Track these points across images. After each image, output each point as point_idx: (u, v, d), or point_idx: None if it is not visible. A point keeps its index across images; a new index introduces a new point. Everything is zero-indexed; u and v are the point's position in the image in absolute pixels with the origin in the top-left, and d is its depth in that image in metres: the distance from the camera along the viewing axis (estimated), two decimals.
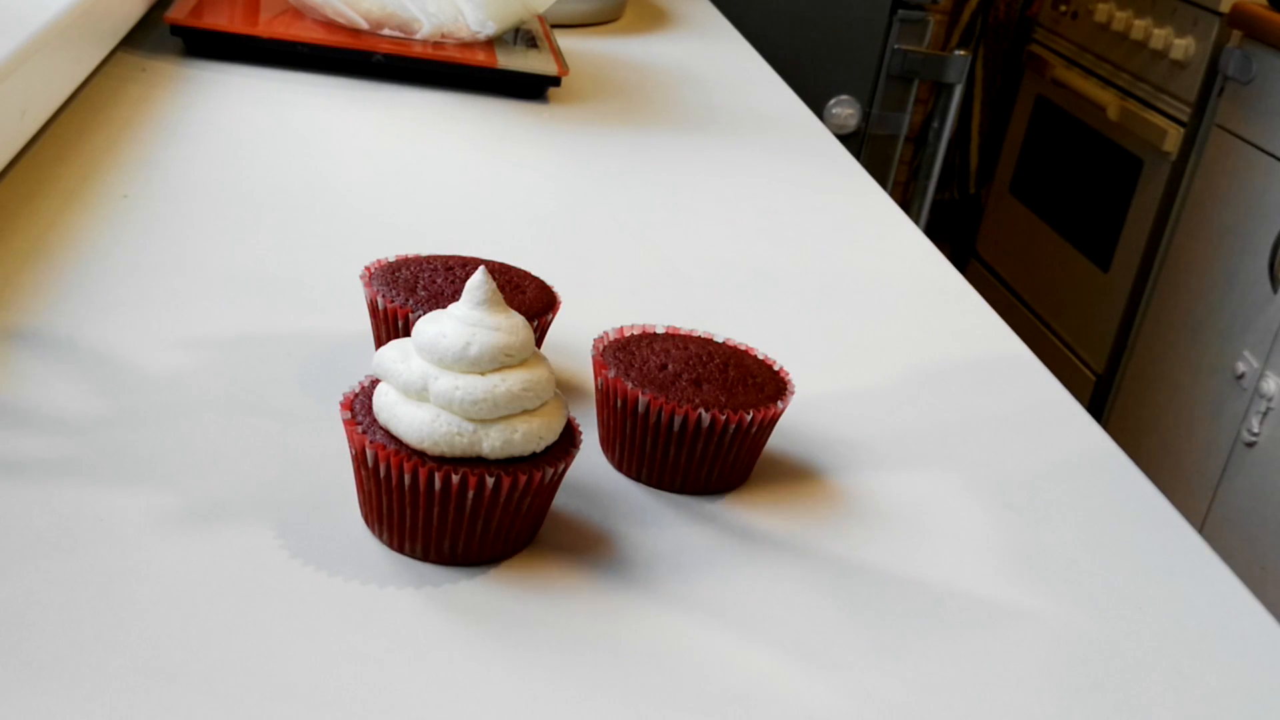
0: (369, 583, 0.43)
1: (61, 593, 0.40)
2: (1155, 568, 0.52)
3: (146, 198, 0.70)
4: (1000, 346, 0.70)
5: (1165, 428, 1.94)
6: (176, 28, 0.95)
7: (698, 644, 0.42)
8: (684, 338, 0.53)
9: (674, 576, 0.46)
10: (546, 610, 0.43)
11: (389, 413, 0.43)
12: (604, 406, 0.51)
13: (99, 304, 0.58)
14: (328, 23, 0.99)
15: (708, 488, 0.51)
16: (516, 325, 0.44)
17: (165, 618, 0.39)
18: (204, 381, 0.53)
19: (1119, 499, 0.57)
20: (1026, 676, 0.44)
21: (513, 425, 0.43)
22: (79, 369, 0.52)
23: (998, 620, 0.46)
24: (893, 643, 0.44)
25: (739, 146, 0.95)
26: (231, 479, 0.47)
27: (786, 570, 0.47)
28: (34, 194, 0.68)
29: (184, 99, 0.87)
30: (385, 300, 0.52)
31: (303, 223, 0.71)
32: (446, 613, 0.42)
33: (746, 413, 0.49)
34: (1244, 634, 0.48)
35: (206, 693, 0.37)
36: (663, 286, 0.70)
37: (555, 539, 0.46)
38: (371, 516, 0.45)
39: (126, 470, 0.46)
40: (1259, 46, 1.83)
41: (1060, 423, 0.63)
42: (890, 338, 0.69)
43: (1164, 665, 0.45)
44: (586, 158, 0.89)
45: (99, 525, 0.43)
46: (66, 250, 0.62)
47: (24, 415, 0.48)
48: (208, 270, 0.63)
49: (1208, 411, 1.83)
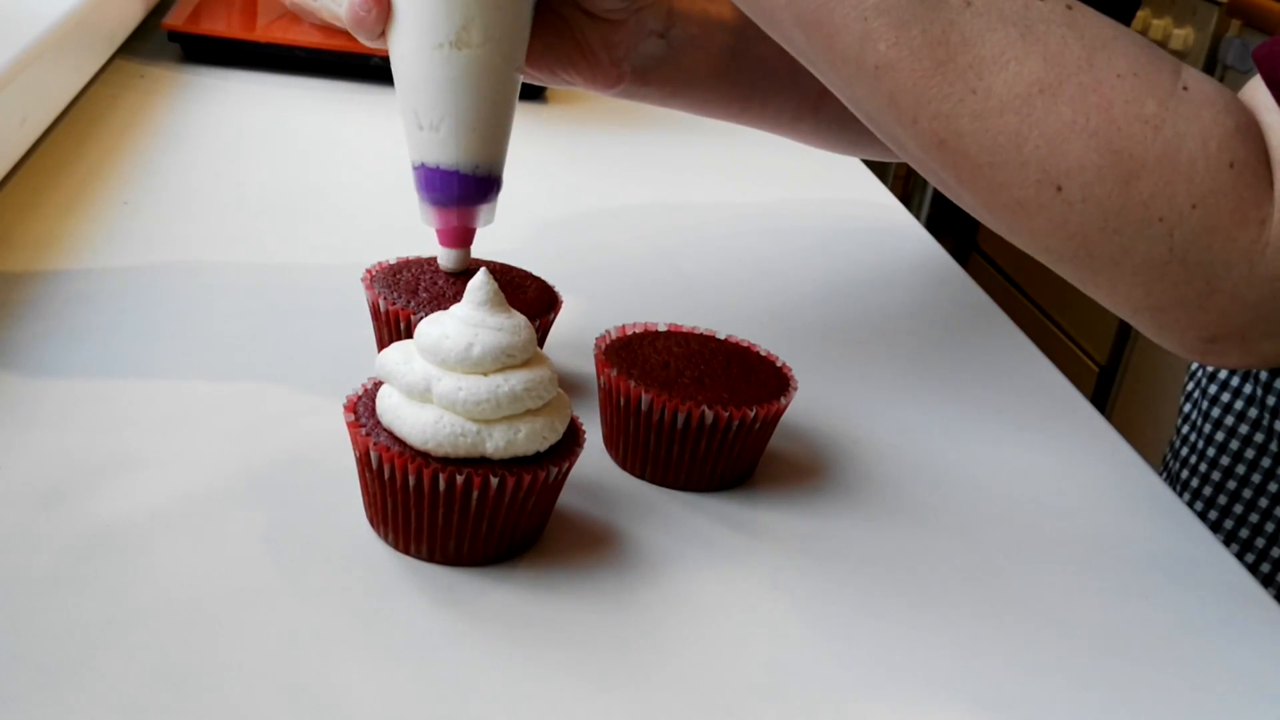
0: (374, 584, 0.43)
1: (66, 596, 0.40)
2: (1160, 557, 0.51)
3: (147, 204, 0.70)
4: (1003, 339, 0.70)
5: (1168, 419, 1.93)
6: (174, 34, 0.95)
7: (704, 640, 0.42)
8: (686, 335, 0.53)
9: (679, 573, 0.46)
10: (552, 609, 0.43)
11: (392, 414, 0.43)
12: (607, 405, 0.51)
13: (101, 310, 0.58)
14: (325, 26, 0.99)
15: (711, 485, 0.51)
16: (518, 325, 0.44)
17: (170, 621, 0.39)
18: (206, 386, 0.53)
19: (1123, 489, 0.56)
20: (1037, 667, 0.44)
21: (516, 425, 0.43)
22: (82, 375, 0.52)
23: (1005, 612, 0.46)
24: (899, 636, 0.44)
25: (739, 143, 0.95)
26: (235, 482, 0.47)
27: (791, 565, 0.47)
28: (34, 201, 0.68)
29: (182, 104, 0.87)
30: (387, 302, 0.52)
31: (303, 226, 0.71)
32: (452, 613, 0.42)
33: (749, 409, 0.49)
34: (1250, 621, 0.48)
35: (213, 695, 0.37)
36: (664, 284, 0.70)
37: (560, 538, 0.46)
38: (376, 518, 0.45)
39: (130, 475, 0.46)
40: (1259, 36, 1.83)
41: (1064, 414, 0.63)
42: (892, 332, 0.69)
43: (1170, 653, 0.45)
44: (586, 156, 0.89)
45: (103, 530, 0.43)
46: (68, 257, 0.62)
47: (27, 421, 0.48)
48: (209, 275, 0.63)
49: None
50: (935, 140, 0.46)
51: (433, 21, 0.50)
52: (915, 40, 0.45)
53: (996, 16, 0.45)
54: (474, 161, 0.52)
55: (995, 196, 0.47)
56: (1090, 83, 0.44)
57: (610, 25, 0.58)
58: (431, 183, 0.52)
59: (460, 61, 0.50)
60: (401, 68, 0.52)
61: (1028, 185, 0.45)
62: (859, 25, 0.45)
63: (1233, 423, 0.74)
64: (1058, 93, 0.44)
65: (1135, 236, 0.45)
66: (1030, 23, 0.45)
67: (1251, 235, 0.45)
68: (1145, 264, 0.46)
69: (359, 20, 0.52)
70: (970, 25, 0.45)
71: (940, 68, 0.45)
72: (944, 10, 0.45)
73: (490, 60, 0.51)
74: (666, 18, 0.60)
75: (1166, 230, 0.45)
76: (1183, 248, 0.45)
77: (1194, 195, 0.44)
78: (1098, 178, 0.44)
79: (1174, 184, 0.44)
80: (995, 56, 0.45)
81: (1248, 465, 0.73)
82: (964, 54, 0.45)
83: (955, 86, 0.45)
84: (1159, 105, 0.44)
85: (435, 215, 0.53)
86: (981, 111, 0.45)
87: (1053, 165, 0.45)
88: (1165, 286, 0.46)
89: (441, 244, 0.53)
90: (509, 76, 0.52)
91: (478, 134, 0.52)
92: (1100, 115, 0.44)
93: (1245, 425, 0.73)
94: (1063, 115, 0.44)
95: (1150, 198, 0.44)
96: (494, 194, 0.54)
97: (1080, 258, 0.47)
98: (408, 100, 0.52)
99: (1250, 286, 0.46)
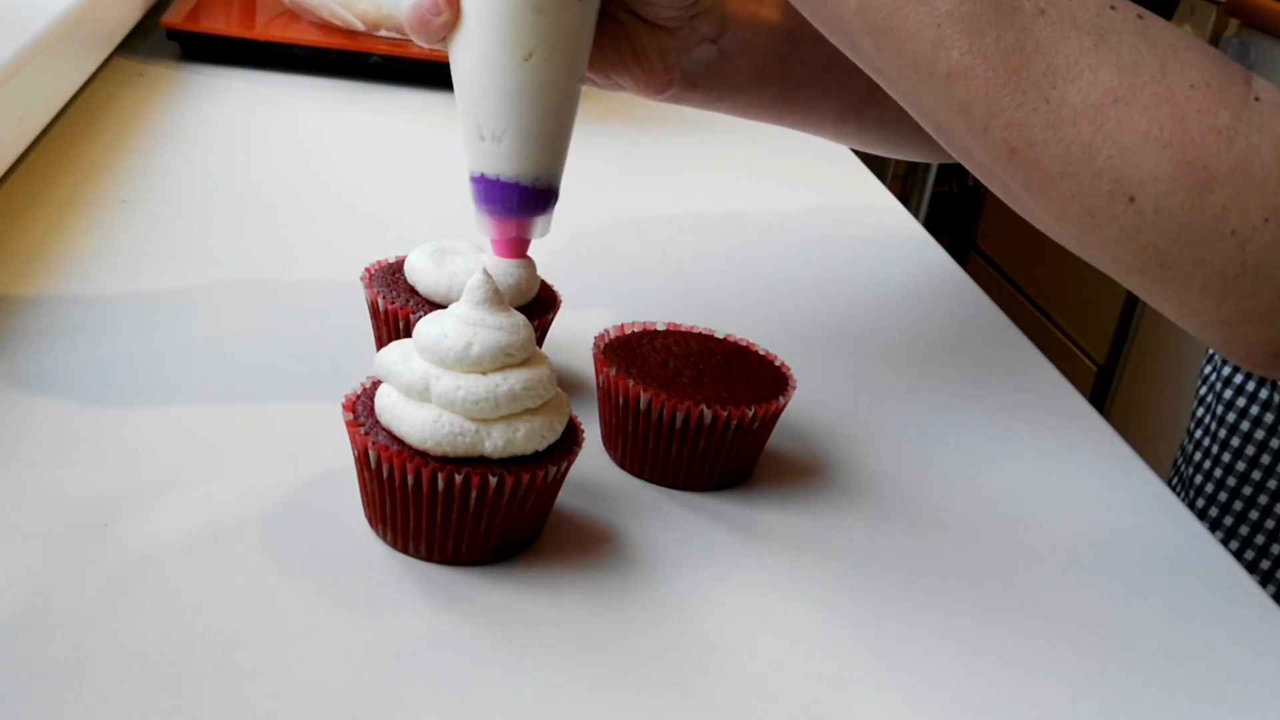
0: (373, 583, 0.43)
1: (66, 596, 0.40)
2: (1159, 557, 0.51)
3: (146, 202, 0.70)
4: (1001, 338, 0.70)
5: (1167, 418, 1.94)
6: (173, 32, 0.95)
7: (702, 640, 0.42)
8: (685, 334, 0.53)
9: (678, 573, 0.46)
10: (551, 608, 0.43)
11: (391, 414, 0.43)
12: (606, 404, 0.51)
13: (100, 309, 0.58)
14: (324, 25, 0.99)
15: (710, 484, 0.51)
16: (517, 324, 0.44)
17: (170, 620, 0.39)
18: (205, 385, 0.53)
19: (1122, 489, 0.56)
20: (1037, 666, 0.44)
21: (515, 424, 0.43)
22: (81, 373, 0.52)
23: (1004, 611, 0.46)
24: (898, 635, 0.44)
25: (737, 142, 0.95)
26: (234, 482, 0.47)
27: (790, 565, 0.47)
28: (33, 200, 0.68)
29: (181, 103, 0.87)
30: (386, 301, 0.52)
31: (302, 225, 0.71)
32: (450, 612, 0.42)
33: (748, 409, 0.49)
34: (1246, 620, 0.48)
35: (213, 694, 0.37)
36: (663, 283, 0.70)
37: (558, 537, 0.46)
38: (375, 517, 0.45)
39: (129, 474, 0.46)
40: (1257, 35, 1.83)
41: (1062, 414, 0.63)
42: (891, 331, 0.69)
43: (1169, 653, 0.45)
44: (586, 155, 0.89)
45: (103, 529, 0.43)
46: (66, 255, 0.62)
47: (27, 419, 0.48)
48: (208, 273, 0.63)
49: None
50: (1007, 150, 0.46)
51: (502, 33, 0.49)
52: (989, 47, 0.44)
53: (1070, 25, 0.45)
54: (534, 174, 0.52)
55: (1066, 207, 0.46)
56: (1164, 93, 0.44)
57: (665, 32, 0.58)
58: (491, 194, 0.52)
59: (526, 74, 0.50)
60: (465, 76, 0.51)
61: (1100, 196, 0.45)
62: (932, 32, 0.45)
63: (1248, 427, 0.74)
64: (1131, 103, 0.44)
65: (1207, 249, 0.45)
66: (1104, 31, 0.45)
67: None
68: (1216, 277, 0.45)
69: (424, 23, 0.50)
70: (1044, 33, 0.44)
71: (1014, 76, 0.44)
72: (1018, 17, 0.44)
73: (556, 73, 0.50)
74: (719, 24, 0.60)
75: (1239, 243, 0.44)
76: (1255, 261, 0.45)
77: (1266, 208, 0.44)
78: (1171, 189, 0.44)
79: (1247, 196, 0.44)
80: (1069, 65, 0.44)
81: (1263, 470, 0.73)
82: (1038, 62, 0.44)
83: (1029, 95, 0.45)
84: (1232, 116, 0.44)
85: (493, 226, 0.52)
86: (1055, 121, 0.45)
87: (1126, 176, 0.44)
88: (1236, 300, 0.46)
89: (496, 254, 0.53)
90: (572, 89, 0.52)
91: (540, 146, 0.51)
92: (1174, 126, 0.44)
93: (1261, 430, 0.73)
94: (1137, 125, 0.44)
95: (1223, 210, 0.44)
96: (552, 205, 0.53)
97: (1151, 270, 0.46)
98: (470, 110, 0.51)
99: None
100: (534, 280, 0.53)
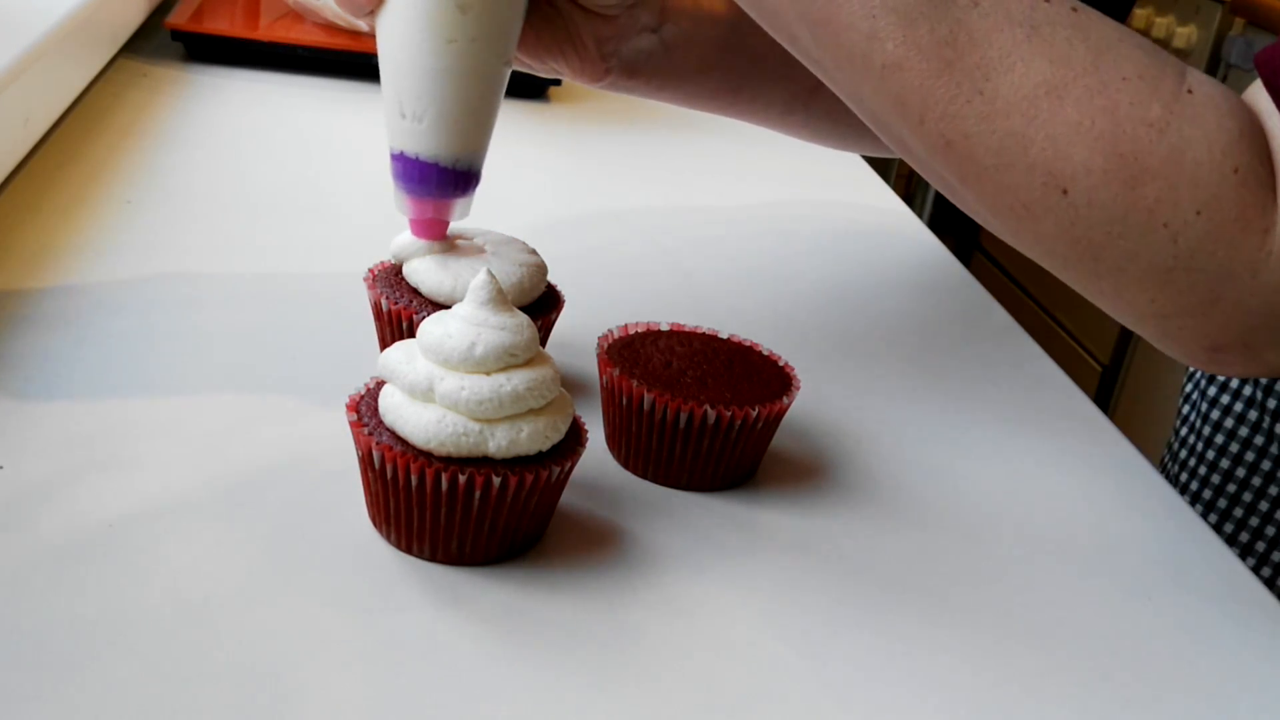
0: (377, 583, 0.43)
1: (69, 597, 0.40)
2: (1163, 557, 0.51)
3: (149, 203, 0.70)
4: (1005, 338, 0.70)
5: (1170, 419, 1.93)
6: (177, 33, 0.96)
7: (706, 640, 0.42)
8: (688, 334, 0.53)
9: (681, 573, 0.46)
10: (554, 608, 0.43)
11: (395, 414, 0.43)
12: (609, 404, 0.51)
13: (103, 310, 0.58)
14: (328, 25, 0.99)
15: (714, 484, 0.51)
16: (521, 324, 0.44)
17: (172, 620, 0.40)
18: (209, 385, 0.53)
19: (1126, 489, 0.56)
20: (1039, 667, 0.44)
21: (518, 425, 0.43)
22: (84, 374, 0.52)
23: (1007, 612, 0.46)
24: (902, 636, 0.44)
25: (741, 142, 0.95)
26: (238, 482, 0.47)
27: (794, 565, 0.47)
28: (37, 201, 0.68)
29: (185, 104, 0.87)
30: (389, 302, 0.52)
31: (306, 225, 0.71)
32: (454, 612, 0.42)
33: (752, 409, 0.49)
34: (1252, 622, 0.48)
35: (215, 694, 0.37)
36: (666, 283, 0.70)
37: (562, 537, 0.46)
38: (379, 518, 0.45)
39: (132, 475, 0.46)
40: (1262, 34, 1.82)
41: (1066, 414, 0.63)
42: (895, 331, 0.69)
43: (1173, 652, 0.45)
44: (588, 156, 0.89)
45: (106, 530, 0.43)
46: (70, 256, 0.62)
47: (29, 420, 0.48)
48: (211, 274, 0.63)
49: None
50: (941, 142, 0.46)
51: (427, 10, 0.49)
52: (923, 39, 0.44)
53: (1004, 17, 0.45)
54: (454, 155, 0.51)
55: (1001, 200, 0.46)
56: (1096, 85, 0.44)
57: (603, 20, 0.58)
58: (409, 173, 0.51)
59: (451, 54, 0.49)
60: (388, 53, 0.51)
61: (1034, 189, 0.45)
62: (866, 24, 0.45)
63: (1232, 425, 0.74)
64: (1064, 95, 0.44)
65: (1140, 242, 0.45)
66: (1036, 24, 0.45)
67: (1255, 243, 0.44)
68: (1150, 270, 0.45)
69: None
70: (978, 25, 0.45)
71: (947, 68, 0.45)
72: (952, 9, 0.45)
73: (481, 54, 0.50)
74: (660, 14, 0.59)
75: (1171, 236, 0.44)
76: (1187, 254, 0.45)
77: (1199, 201, 0.44)
78: (1103, 181, 0.44)
79: (1179, 189, 0.44)
80: (1002, 57, 0.44)
81: (1247, 468, 0.73)
82: (971, 54, 0.44)
83: (962, 87, 0.45)
84: (1164, 109, 0.44)
85: (411, 205, 0.52)
86: (988, 113, 0.45)
87: (1058, 169, 0.44)
88: (1170, 293, 0.46)
89: (414, 234, 0.53)
90: (498, 71, 0.52)
91: (461, 127, 0.51)
92: (1105, 118, 0.44)
93: (1245, 428, 0.73)
94: (1069, 118, 0.44)
95: (1155, 203, 0.44)
96: (472, 188, 0.53)
97: (1086, 262, 0.46)
98: (393, 86, 0.51)
99: (1254, 295, 0.45)
100: (539, 280, 0.53)
